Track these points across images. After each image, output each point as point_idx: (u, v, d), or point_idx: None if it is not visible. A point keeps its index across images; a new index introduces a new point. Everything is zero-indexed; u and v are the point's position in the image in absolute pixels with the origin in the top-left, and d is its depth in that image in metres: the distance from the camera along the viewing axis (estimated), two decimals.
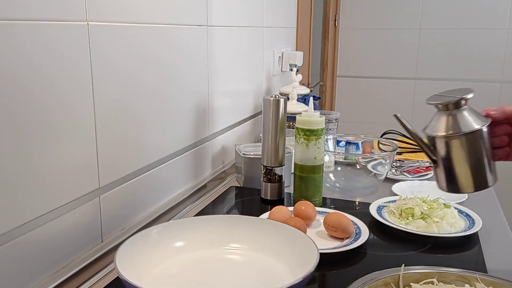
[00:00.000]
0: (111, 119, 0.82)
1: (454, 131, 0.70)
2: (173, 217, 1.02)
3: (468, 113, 0.70)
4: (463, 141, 0.70)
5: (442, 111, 0.72)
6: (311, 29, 2.19)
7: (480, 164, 0.72)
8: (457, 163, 0.72)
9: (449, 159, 0.71)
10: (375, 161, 1.18)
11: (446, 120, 0.71)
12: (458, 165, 0.72)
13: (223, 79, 1.28)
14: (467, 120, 0.70)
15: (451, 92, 0.72)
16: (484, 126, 0.70)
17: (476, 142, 0.70)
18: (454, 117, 0.70)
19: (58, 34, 0.68)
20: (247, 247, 0.79)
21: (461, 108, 0.70)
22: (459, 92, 0.71)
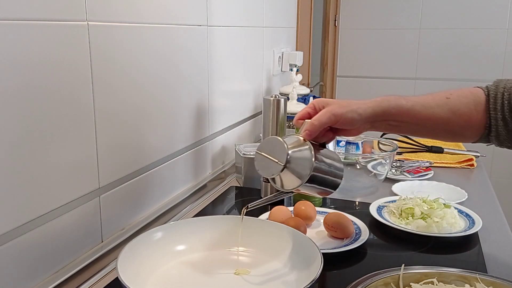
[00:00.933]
0: (111, 119, 0.82)
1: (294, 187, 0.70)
2: (173, 217, 1.02)
3: (294, 165, 0.69)
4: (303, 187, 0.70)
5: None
6: (311, 29, 2.19)
7: (324, 184, 0.73)
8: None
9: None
10: (375, 161, 1.18)
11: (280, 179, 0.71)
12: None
13: (223, 79, 1.27)
14: (298, 171, 0.69)
15: (266, 148, 0.71)
16: (308, 175, 0.68)
17: (311, 182, 0.70)
18: (285, 175, 0.70)
19: (58, 34, 0.68)
20: (248, 249, 0.79)
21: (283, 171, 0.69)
22: (273, 151, 0.70)
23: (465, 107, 0.75)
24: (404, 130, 0.78)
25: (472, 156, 1.43)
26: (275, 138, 0.70)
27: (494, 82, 0.77)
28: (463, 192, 1.13)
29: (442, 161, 1.42)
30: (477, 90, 0.77)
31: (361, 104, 0.74)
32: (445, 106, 0.75)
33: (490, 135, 0.76)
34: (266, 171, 0.71)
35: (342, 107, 0.72)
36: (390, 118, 0.75)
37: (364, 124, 0.75)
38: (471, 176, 1.35)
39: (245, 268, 0.74)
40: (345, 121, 0.72)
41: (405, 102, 0.74)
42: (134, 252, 0.70)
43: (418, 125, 0.76)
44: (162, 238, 0.76)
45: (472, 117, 0.75)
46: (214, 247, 0.79)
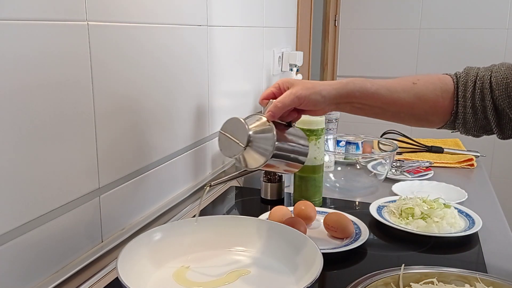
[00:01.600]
0: (111, 119, 0.82)
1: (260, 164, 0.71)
2: (173, 217, 1.02)
3: (256, 146, 0.70)
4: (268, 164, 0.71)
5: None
6: (311, 29, 2.19)
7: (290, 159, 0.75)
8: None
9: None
10: (375, 161, 1.18)
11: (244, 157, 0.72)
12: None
13: (223, 79, 1.27)
14: (261, 149, 0.70)
15: (229, 127, 0.72)
16: (270, 154, 0.70)
17: (277, 158, 0.72)
18: (249, 153, 0.71)
19: (58, 34, 0.68)
20: (248, 249, 0.79)
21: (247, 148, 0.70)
22: (235, 131, 0.71)
23: (431, 93, 0.76)
24: (368, 113, 0.78)
25: (472, 156, 1.44)
26: (237, 119, 0.71)
27: (464, 70, 0.77)
28: (463, 192, 1.13)
29: (442, 161, 1.42)
30: (445, 77, 0.78)
31: (326, 85, 0.74)
32: (411, 91, 0.76)
33: (456, 122, 0.76)
34: (228, 151, 0.72)
35: (306, 89, 0.73)
36: (354, 100, 0.75)
37: (329, 106, 0.76)
38: (471, 176, 1.35)
39: (245, 268, 0.74)
40: (308, 103, 0.73)
41: (370, 85, 0.75)
42: (134, 252, 0.70)
43: (382, 109, 0.77)
44: (162, 238, 0.76)
45: (438, 103, 0.76)
46: (214, 247, 0.79)
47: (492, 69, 0.75)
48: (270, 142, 0.70)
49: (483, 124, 0.75)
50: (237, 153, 0.71)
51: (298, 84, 0.74)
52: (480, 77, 0.74)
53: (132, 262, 0.67)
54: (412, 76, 0.78)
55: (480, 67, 0.77)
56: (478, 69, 0.76)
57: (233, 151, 0.71)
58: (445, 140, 1.63)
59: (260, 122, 0.72)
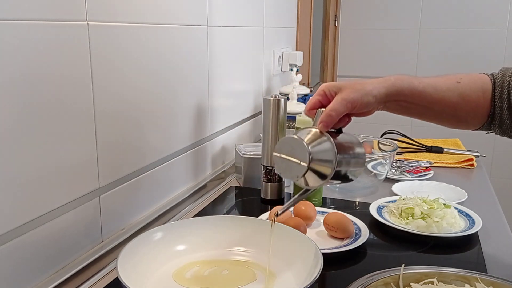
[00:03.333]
0: (111, 119, 0.82)
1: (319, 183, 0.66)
2: (173, 217, 1.02)
3: (316, 162, 0.64)
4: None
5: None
6: (311, 29, 2.19)
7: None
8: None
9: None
10: (375, 161, 1.18)
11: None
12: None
13: (223, 79, 1.27)
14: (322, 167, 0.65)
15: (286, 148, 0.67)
16: (332, 171, 0.64)
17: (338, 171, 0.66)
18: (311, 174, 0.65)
19: (58, 34, 0.68)
20: (248, 249, 0.79)
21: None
22: (292, 151, 0.66)
23: (474, 93, 0.74)
24: (413, 112, 0.75)
25: (472, 156, 1.43)
26: (292, 138, 0.66)
27: (500, 70, 0.76)
28: (463, 192, 1.13)
29: (442, 161, 1.42)
30: (484, 76, 0.76)
31: (375, 84, 0.71)
32: (456, 91, 0.73)
33: (492, 123, 0.75)
34: (289, 173, 0.66)
35: (356, 91, 0.69)
36: (402, 99, 0.73)
37: (378, 105, 0.72)
38: (471, 176, 1.35)
39: (245, 268, 0.74)
40: (361, 106, 0.69)
41: (417, 83, 0.72)
42: (134, 252, 0.70)
43: (427, 108, 0.74)
44: (162, 238, 0.76)
45: (479, 104, 0.74)
46: (214, 247, 0.79)
47: None
48: (331, 156, 0.64)
49: None
50: (300, 173, 0.64)
51: (346, 87, 0.70)
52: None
53: (132, 262, 0.67)
54: (455, 75, 0.75)
55: None
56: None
57: (295, 173, 0.65)
58: (445, 140, 1.63)
59: (314, 135, 0.66)
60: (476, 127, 0.77)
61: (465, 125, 0.78)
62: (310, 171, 0.64)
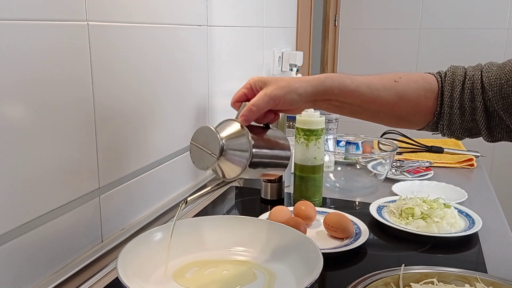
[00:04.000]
0: (111, 119, 0.82)
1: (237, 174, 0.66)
2: (173, 217, 1.02)
3: (231, 155, 0.65)
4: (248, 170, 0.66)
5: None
6: (311, 29, 2.19)
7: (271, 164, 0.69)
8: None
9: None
10: (375, 161, 1.18)
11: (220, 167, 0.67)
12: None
13: (223, 79, 1.27)
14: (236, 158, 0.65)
15: (200, 138, 0.67)
16: (247, 163, 0.64)
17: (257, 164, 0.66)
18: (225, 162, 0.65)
19: (58, 34, 0.68)
20: (248, 249, 0.79)
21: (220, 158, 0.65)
22: (206, 141, 0.66)
23: (413, 92, 0.72)
24: (346, 111, 0.74)
25: (472, 156, 1.43)
26: (207, 128, 0.66)
27: (449, 68, 0.74)
28: (463, 192, 1.13)
29: (442, 161, 1.42)
30: (428, 76, 0.74)
31: (301, 82, 0.69)
32: (392, 90, 0.71)
33: (439, 123, 0.73)
34: (201, 163, 0.66)
35: (280, 88, 0.67)
36: (333, 98, 0.71)
37: (305, 103, 0.71)
38: (471, 176, 1.35)
39: (245, 268, 0.74)
40: (284, 103, 0.68)
41: (349, 82, 0.70)
42: (134, 252, 0.70)
43: (361, 107, 0.72)
44: (162, 238, 0.76)
45: (421, 103, 0.72)
46: (214, 247, 0.79)
47: (481, 68, 0.72)
48: (246, 149, 0.64)
49: (470, 126, 0.72)
50: (210, 164, 0.64)
51: (272, 83, 0.68)
52: (470, 77, 0.71)
53: (132, 262, 0.67)
54: (394, 74, 0.73)
55: (467, 66, 0.74)
56: (465, 68, 0.73)
57: (206, 163, 0.65)
58: (445, 140, 1.63)
59: (234, 128, 0.66)
60: (420, 126, 0.75)
61: (406, 123, 0.76)
62: (223, 163, 0.65)
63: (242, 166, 0.64)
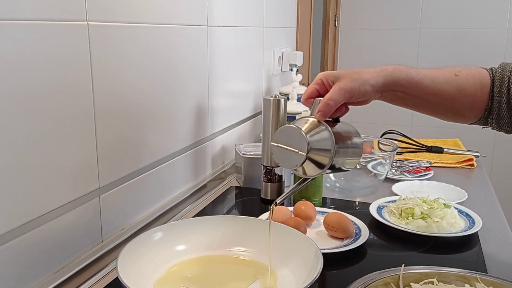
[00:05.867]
0: (111, 119, 0.82)
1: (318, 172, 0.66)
2: (173, 217, 1.02)
3: (314, 151, 0.64)
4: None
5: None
6: (311, 29, 2.19)
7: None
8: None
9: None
10: (375, 161, 1.18)
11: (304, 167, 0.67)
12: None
13: (223, 79, 1.27)
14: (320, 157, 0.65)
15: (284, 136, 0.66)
16: (331, 160, 0.65)
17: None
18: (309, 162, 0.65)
19: (58, 34, 0.68)
20: (248, 249, 0.79)
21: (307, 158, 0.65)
22: (290, 140, 0.65)
23: (471, 87, 0.74)
24: (409, 103, 0.75)
25: (472, 156, 1.43)
26: (290, 127, 0.65)
27: (500, 65, 0.76)
28: (463, 192, 1.13)
29: (442, 161, 1.42)
30: (483, 71, 0.76)
31: (372, 73, 0.71)
32: (453, 83, 0.74)
33: (489, 118, 0.75)
34: (288, 163, 0.66)
35: (353, 80, 0.68)
36: (399, 89, 0.72)
37: (375, 94, 0.72)
38: (471, 176, 1.35)
39: (245, 268, 0.74)
40: (359, 95, 0.69)
41: (415, 74, 0.72)
42: (134, 252, 0.70)
43: (423, 99, 0.74)
44: (162, 238, 0.76)
45: (477, 98, 0.74)
46: (214, 247, 0.79)
47: None
48: (329, 145, 0.64)
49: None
50: (299, 163, 0.64)
51: (344, 76, 0.69)
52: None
53: (132, 262, 0.67)
54: (453, 68, 0.75)
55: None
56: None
57: (294, 162, 0.65)
58: (445, 140, 1.63)
59: (312, 125, 0.65)
60: (473, 121, 0.77)
61: (461, 118, 0.78)
62: (309, 161, 0.64)
63: (327, 162, 0.65)
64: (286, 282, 0.70)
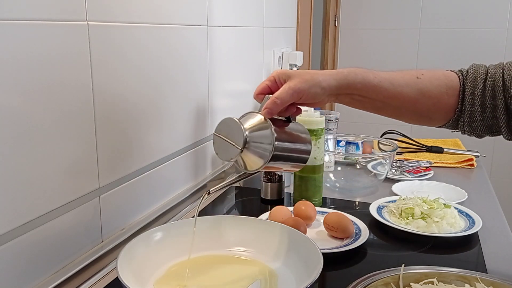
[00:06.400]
0: (111, 119, 0.82)
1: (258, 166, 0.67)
2: (173, 217, 1.02)
3: (254, 147, 0.65)
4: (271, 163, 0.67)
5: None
6: (311, 29, 2.19)
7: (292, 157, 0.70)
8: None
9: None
10: (375, 161, 1.18)
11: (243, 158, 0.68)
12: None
13: (223, 79, 1.27)
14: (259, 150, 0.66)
15: (225, 129, 0.67)
16: (269, 155, 0.65)
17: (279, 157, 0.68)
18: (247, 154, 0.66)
19: (58, 34, 0.68)
20: (248, 249, 0.79)
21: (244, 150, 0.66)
22: (230, 133, 0.66)
23: (435, 89, 0.73)
24: (368, 106, 0.74)
25: (472, 156, 1.44)
26: (231, 119, 0.66)
27: (471, 66, 0.75)
28: (463, 192, 1.13)
29: (442, 161, 1.42)
30: (450, 73, 0.75)
31: (325, 75, 0.70)
32: (415, 86, 0.72)
33: (460, 120, 0.74)
34: (225, 154, 0.67)
35: (304, 81, 0.68)
36: (355, 92, 0.71)
37: (328, 97, 0.71)
38: (471, 176, 1.35)
39: (245, 268, 0.74)
40: (308, 96, 0.69)
41: (372, 77, 0.71)
42: (134, 252, 0.70)
43: (383, 103, 0.73)
44: (162, 238, 0.76)
45: (442, 100, 0.73)
46: (214, 247, 0.79)
47: (503, 67, 0.72)
48: (269, 142, 0.65)
49: (490, 123, 0.72)
50: (234, 156, 0.66)
51: (296, 76, 0.69)
52: (491, 75, 0.71)
53: (132, 262, 0.67)
54: (416, 70, 0.74)
55: (488, 65, 0.74)
56: (486, 66, 0.74)
57: (229, 154, 0.66)
58: (445, 140, 1.63)
59: (257, 121, 0.67)
60: (441, 123, 0.76)
61: (427, 121, 0.76)
62: (246, 155, 0.66)
63: (265, 159, 0.65)
64: (286, 282, 0.70)
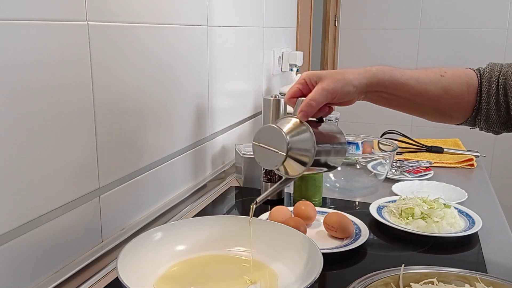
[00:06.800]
0: (111, 119, 0.82)
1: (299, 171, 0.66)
2: (173, 217, 1.02)
3: (295, 151, 0.65)
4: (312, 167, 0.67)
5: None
6: (311, 29, 2.19)
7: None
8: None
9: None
10: (375, 161, 1.18)
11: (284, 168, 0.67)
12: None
13: (223, 79, 1.27)
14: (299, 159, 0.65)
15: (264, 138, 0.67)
16: (311, 160, 0.65)
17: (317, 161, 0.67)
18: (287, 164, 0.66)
19: (58, 34, 0.68)
20: (248, 249, 0.79)
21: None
22: (271, 140, 0.66)
23: (458, 87, 0.74)
24: (394, 104, 0.75)
25: (472, 156, 1.43)
26: (271, 127, 0.66)
27: (488, 65, 0.76)
28: (463, 192, 1.13)
29: (442, 161, 1.42)
30: (470, 71, 0.76)
31: (355, 74, 0.71)
32: (439, 84, 0.74)
33: (477, 118, 0.75)
34: (268, 162, 0.67)
35: (337, 81, 0.69)
36: (383, 90, 0.72)
37: (359, 95, 0.72)
38: (471, 176, 1.35)
39: (245, 268, 0.74)
40: (341, 95, 0.69)
41: (400, 75, 0.72)
42: (134, 252, 0.70)
43: (409, 100, 0.74)
44: (162, 238, 0.76)
45: (463, 98, 0.74)
46: (214, 247, 0.79)
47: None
48: (310, 145, 0.64)
49: (505, 120, 0.73)
50: (278, 163, 0.65)
51: (326, 76, 0.69)
52: (504, 73, 0.73)
53: (132, 262, 0.67)
54: (439, 68, 0.75)
55: (503, 63, 0.76)
56: (502, 65, 0.75)
57: (273, 162, 0.65)
58: (445, 140, 1.63)
59: (294, 125, 0.66)
60: (460, 121, 0.77)
61: (448, 119, 0.78)
62: (289, 161, 0.65)
63: (307, 162, 0.65)
64: (286, 282, 0.70)
